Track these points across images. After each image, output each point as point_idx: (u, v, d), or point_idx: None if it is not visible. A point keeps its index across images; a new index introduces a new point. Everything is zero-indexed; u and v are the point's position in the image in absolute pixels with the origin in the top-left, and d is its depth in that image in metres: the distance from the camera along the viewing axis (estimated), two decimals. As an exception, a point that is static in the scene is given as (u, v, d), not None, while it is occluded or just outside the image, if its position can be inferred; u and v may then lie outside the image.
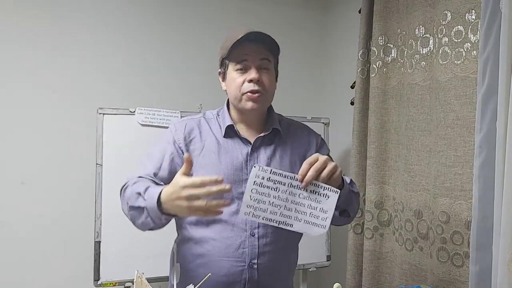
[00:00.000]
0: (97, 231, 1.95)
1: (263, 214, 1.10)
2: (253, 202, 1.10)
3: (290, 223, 1.12)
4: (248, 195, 1.10)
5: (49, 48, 2.18)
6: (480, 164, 1.39)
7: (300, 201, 1.12)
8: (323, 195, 1.12)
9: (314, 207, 1.12)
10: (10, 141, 2.12)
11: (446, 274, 1.59)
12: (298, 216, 1.12)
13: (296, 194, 1.12)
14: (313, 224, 1.11)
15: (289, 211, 1.11)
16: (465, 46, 1.54)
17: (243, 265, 1.27)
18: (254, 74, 1.28)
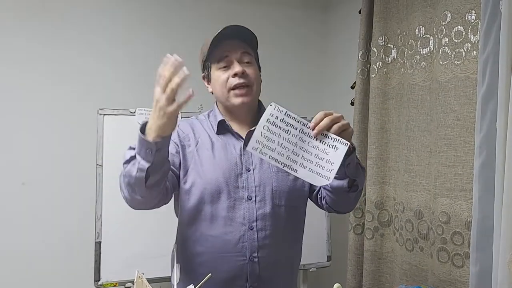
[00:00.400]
0: (97, 231, 1.95)
1: (270, 152, 1.09)
2: (263, 138, 1.09)
3: (295, 168, 1.10)
4: (259, 130, 1.09)
5: (49, 49, 2.19)
6: (480, 165, 1.39)
7: (308, 149, 1.10)
8: (332, 146, 1.10)
9: (321, 157, 1.10)
10: (11, 142, 2.13)
11: (446, 275, 1.59)
12: (304, 163, 1.10)
13: (306, 141, 1.10)
14: (317, 174, 1.10)
15: (296, 156, 1.10)
16: (465, 46, 1.54)
17: (244, 260, 1.27)
18: (237, 68, 1.27)
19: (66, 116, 2.21)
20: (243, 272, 1.27)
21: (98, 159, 1.97)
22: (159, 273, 1.80)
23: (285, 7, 2.67)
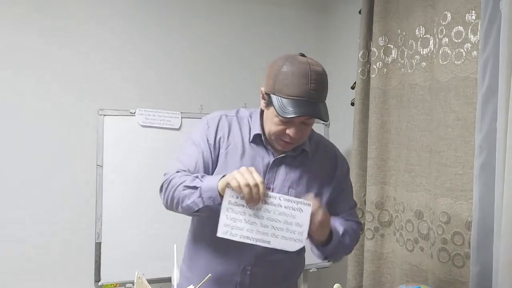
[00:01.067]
0: (97, 232, 1.95)
1: (240, 232, 1.13)
2: (229, 221, 1.13)
3: (267, 240, 1.14)
4: (224, 215, 1.13)
5: (50, 50, 2.19)
6: (481, 165, 1.38)
7: (275, 217, 1.14)
8: (297, 209, 1.14)
9: (289, 222, 1.14)
10: (11, 143, 2.13)
11: (447, 275, 1.58)
12: (274, 232, 1.14)
13: (271, 210, 1.14)
14: (290, 239, 1.14)
15: (265, 228, 1.14)
16: (465, 46, 1.54)
17: (237, 270, 1.31)
18: (293, 134, 1.24)
19: (66, 117, 2.21)
20: (233, 280, 1.32)
21: (98, 160, 1.97)
22: (159, 274, 1.80)
23: (285, 7, 2.67)
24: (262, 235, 1.14)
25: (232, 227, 1.13)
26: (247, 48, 2.58)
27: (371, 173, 2.00)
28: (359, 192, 2.08)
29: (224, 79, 2.47)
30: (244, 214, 1.14)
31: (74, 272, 2.18)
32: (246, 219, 1.14)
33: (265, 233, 1.14)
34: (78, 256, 2.17)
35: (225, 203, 1.14)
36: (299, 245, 1.14)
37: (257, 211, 1.13)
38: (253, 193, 1.10)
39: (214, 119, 1.36)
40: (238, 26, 2.56)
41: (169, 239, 1.45)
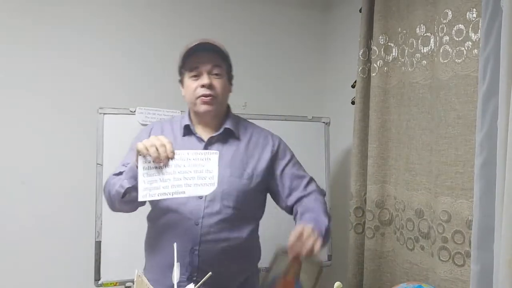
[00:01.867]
0: (97, 231, 1.95)
1: (157, 191, 1.24)
2: (147, 184, 1.24)
3: (182, 190, 1.25)
4: (141, 180, 1.24)
5: (50, 48, 2.19)
6: (481, 163, 1.38)
7: (186, 170, 1.26)
8: (205, 159, 1.28)
9: (200, 171, 1.26)
10: (11, 141, 2.13)
11: (447, 273, 1.58)
12: (187, 182, 1.25)
13: (181, 165, 1.26)
14: (202, 185, 1.25)
15: (179, 181, 1.25)
16: (466, 44, 1.54)
17: (185, 251, 1.39)
18: (205, 80, 1.42)
19: (66, 115, 2.21)
20: (184, 262, 1.38)
21: (98, 158, 1.97)
22: (159, 272, 1.79)
23: (285, 6, 2.67)
24: (177, 188, 1.24)
25: (150, 188, 1.24)
26: (248, 46, 2.58)
27: (372, 171, 2.00)
28: (360, 191, 2.08)
29: (224, 77, 2.46)
30: (158, 174, 1.25)
31: (74, 270, 2.18)
32: (161, 178, 1.25)
33: (179, 185, 1.25)
34: (78, 254, 2.17)
35: (140, 169, 1.25)
36: (212, 188, 1.25)
37: (169, 168, 1.25)
38: (160, 152, 1.24)
39: (146, 127, 1.57)
40: (238, 24, 2.56)
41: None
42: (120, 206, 1.39)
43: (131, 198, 1.31)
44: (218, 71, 1.45)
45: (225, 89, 1.49)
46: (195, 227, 1.39)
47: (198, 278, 1.37)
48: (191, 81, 1.45)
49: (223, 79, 1.47)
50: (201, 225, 1.40)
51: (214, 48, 1.46)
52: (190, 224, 1.40)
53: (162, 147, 1.25)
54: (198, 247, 1.40)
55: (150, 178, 1.25)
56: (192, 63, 1.44)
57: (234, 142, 1.50)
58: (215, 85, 1.44)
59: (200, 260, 1.40)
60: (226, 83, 1.50)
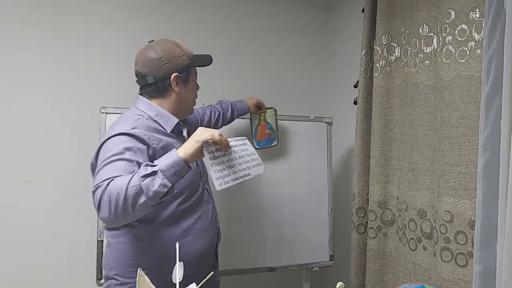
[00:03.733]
0: (99, 230, 1.95)
1: (229, 178, 1.32)
2: (218, 173, 1.30)
3: (248, 172, 1.36)
4: (211, 170, 1.30)
5: (52, 47, 2.19)
6: (484, 163, 1.38)
7: (241, 154, 1.36)
8: (244, 144, 1.40)
9: (248, 154, 1.39)
10: (14, 141, 2.13)
11: (449, 274, 1.58)
12: (248, 165, 1.37)
13: (236, 151, 1.36)
14: (257, 165, 1.39)
15: (241, 165, 1.35)
16: (469, 44, 1.53)
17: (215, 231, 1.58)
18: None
19: (68, 115, 2.21)
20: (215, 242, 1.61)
21: (101, 158, 1.97)
22: (161, 272, 1.79)
23: (288, 6, 2.67)
24: (244, 171, 1.35)
25: (223, 177, 1.30)
26: (250, 46, 2.58)
27: (374, 172, 2.00)
28: (362, 191, 2.08)
29: (226, 77, 2.47)
30: (224, 162, 1.32)
31: (76, 269, 2.19)
32: (228, 166, 1.33)
33: (243, 168, 1.35)
34: (80, 253, 2.17)
35: (207, 161, 1.30)
36: (263, 168, 1.41)
37: (230, 155, 1.34)
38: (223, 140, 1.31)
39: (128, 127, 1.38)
40: (240, 24, 2.56)
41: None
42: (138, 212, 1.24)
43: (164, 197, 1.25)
44: None
45: None
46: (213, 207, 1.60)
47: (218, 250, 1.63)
48: (196, 84, 1.57)
49: None
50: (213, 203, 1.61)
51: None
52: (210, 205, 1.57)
53: (222, 136, 1.31)
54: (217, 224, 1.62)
55: (219, 167, 1.31)
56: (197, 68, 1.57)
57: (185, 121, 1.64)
58: None
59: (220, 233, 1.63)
60: None
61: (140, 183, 1.20)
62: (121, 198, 1.20)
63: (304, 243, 2.22)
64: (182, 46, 1.54)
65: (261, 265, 2.15)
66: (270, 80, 2.61)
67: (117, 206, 1.20)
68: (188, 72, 1.52)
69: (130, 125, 1.38)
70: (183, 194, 1.46)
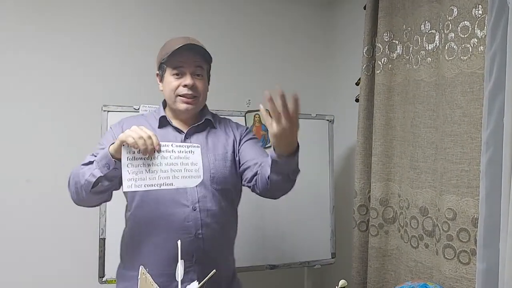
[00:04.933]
0: (101, 228, 1.95)
1: (143, 182, 1.25)
2: (132, 175, 1.25)
3: (170, 182, 1.28)
4: (125, 170, 1.25)
5: (53, 46, 2.19)
6: (487, 161, 1.37)
7: (172, 162, 1.28)
8: (189, 151, 1.31)
9: (185, 163, 1.30)
10: (15, 139, 2.13)
11: (452, 272, 1.58)
12: (175, 174, 1.28)
13: (167, 157, 1.28)
14: (190, 177, 1.30)
15: (166, 173, 1.27)
16: (472, 41, 1.53)
17: (190, 236, 1.42)
18: (189, 80, 1.45)
19: (70, 113, 2.21)
20: (190, 248, 1.42)
21: (102, 156, 1.97)
22: (163, 270, 1.79)
23: (289, 4, 2.66)
24: (165, 179, 1.27)
25: (136, 179, 1.25)
26: (251, 44, 2.57)
27: (376, 169, 1.99)
28: (364, 188, 2.08)
29: (227, 75, 2.46)
30: (144, 165, 1.26)
31: (78, 267, 2.19)
32: (147, 170, 1.26)
33: (167, 177, 1.27)
34: (82, 252, 2.18)
35: (124, 160, 1.25)
36: (199, 180, 1.32)
37: (155, 160, 1.26)
38: (147, 144, 1.25)
39: (117, 124, 1.53)
40: (242, 22, 2.55)
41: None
42: (88, 197, 1.36)
43: (102, 188, 1.32)
44: (200, 72, 1.49)
45: (205, 89, 1.53)
46: (194, 213, 1.44)
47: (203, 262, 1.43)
48: (173, 78, 1.47)
49: (204, 80, 1.52)
50: (198, 209, 1.44)
51: (198, 49, 1.48)
52: (188, 210, 1.43)
53: (149, 139, 1.26)
54: (201, 231, 1.44)
55: (136, 169, 1.25)
56: (176, 62, 1.46)
57: (212, 130, 1.56)
58: (197, 86, 1.48)
59: (205, 243, 1.44)
60: (207, 83, 1.55)
61: (79, 170, 1.36)
62: (70, 183, 1.39)
63: (305, 240, 2.22)
64: (167, 44, 1.51)
65: (263, 263, 2.15)
66: (271, 77, 2.60)
67: (71, 191, 1.40)
68: (162, 69, 1.50)
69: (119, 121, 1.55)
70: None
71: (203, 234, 1.44)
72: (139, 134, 1.25)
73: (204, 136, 1.53)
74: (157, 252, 1.43)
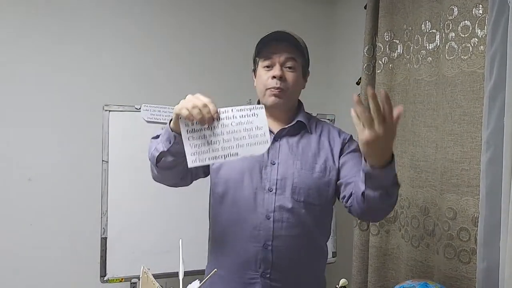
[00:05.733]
0: (103, 227, 1.96)
1: (207, 155, 1.14)
2: (195, 148, 1.14)
3: (235, 151, 1.15)
4: (187, 145, 1.14)
5: (55, 45, 2.19)
6: (488, 160, 1.38)
7: (234, 129, 1.15)
8: (251, 115, 1.16)
9: (249, 129, 1.15)
10: (17, 138, 2.14)
11: (452, 271, 1.58)
12: (239, 143, 1.15)
13: (228, 124, 1.15)
14: (256, 143, 1.15)
15: (229, 142, 1.15)
16: (472, 41, 1.53)
17: (258, 246, 1.32)
18: (277, 71, 1.35)
19: (71, 112, 2.21)
20: (257, 258, 1.33)
21: (103, 155, 1.97)
22: (164, 269, 1.80)
23: (289, 3, 2.66)
24: (229, 149, 1.15)
25: (199, 153, 1.14)
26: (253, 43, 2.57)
27: (377, 169, 1.99)
28: (364, 188, 2.08)
29: (229, 74, 2.47)
30: (205, 137, 1.15)
31: (80, 267, 2.19)
32: (209, 141, 1.14)
33: (231, 146, 1.15)
34: (83, 251, 2.18)
35: (184, 133, 1.15)
36: (266, 146, 1.15)
37: (215, 129, 1.15)
38: (204, 113, 1.12)
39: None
40: (243, 21, 2.55)
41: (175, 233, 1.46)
42: (159, 174, 1.30)
43: (167, 164, 1.24)
44: (292, 64, 1.38)
45: (297, 84, 1.40)
46: (267, 222, 1.32)
47: (272, 275, 1.33)
48: (264, 71, 1.38)
49: (297, 73, 1.40)
50: (272, 219, 1.32)
51: (291, 39, 1.38)
52: (261, 218, 1.33)
53: (205, 108, 1.12)
54: (271, 242, 1.32)
55: (197, 142, 1.14)
56: (266, 52, 1.38)
57: (306, 135, 1.42)
58: (287, 78, 1.36)
59: (274, 256, 1.33)
60: (300, 77, 1.42)
61: (149, 145, 1.30)
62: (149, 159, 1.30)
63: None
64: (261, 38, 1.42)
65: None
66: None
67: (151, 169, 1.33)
68: (255, 64, 1.44)
69: None
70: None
71: (273, 245, 1.32)
72: (194, 103, 1.12)
73: (295, 140, 1.40)
74: (229, 255, 1.37)
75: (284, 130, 1.40)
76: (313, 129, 1.44)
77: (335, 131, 1.48)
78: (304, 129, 1.42)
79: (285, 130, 1.40)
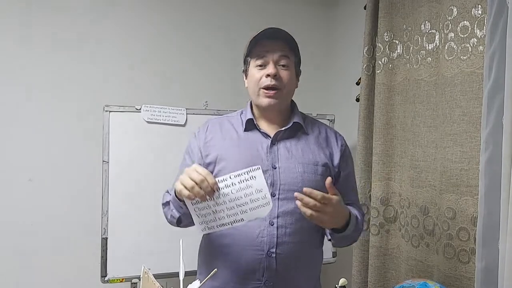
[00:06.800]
0: (104, 227, 1.96)
1: (215, 223, 1.18)
2: (202, 218, 1.18)
3: (239, 218, 1.18)
4: (194, 215, 1.18)
5: (55, 46, 2.20)
6: (486, 160, 1.38)
7: (235, 196, 1.17)
8: (249, 178, 1.17)
9: (249, 193, 1.17)
10: (18, 139, 2.14)
11: (452, 270, 1.58)
12: (242, 209, 1.17)
13: (228, 192, 1.17)
14: (258, 207, 1.17)
15: (232, 209, 1.17)
16: (471, 41, 1.53)
17: (262, 254, 1.29)
18: (271, 69, 1.31)
19: (72, 113, 2.22)
20: (260, 266, 1.29)
21: (104, 156, 1.98)
22: (165, 269, 1.81)
23: (290, 3, 2.67)
24: (234, 216, 1.18)
25: (206, 222, 1.18)
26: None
27: (376, 169, 2.00)
28: (365, 188, 2.08)
29: (229, 75, 2.47)
30: (209, 207, 1.18)
31: (81, 267, 2.20)
32: (213, 210, 1.18)
33: (235, 213, 1.18)
34: (84, 251, 2.19)
35: (189, 207, 1.18)
36: (269, 208, 1.17)
37: (217, 199, 1.17)
38: (203, 188, 1.12)
39: (203, 126, 1.44)
40: (242, 21, 2.55)
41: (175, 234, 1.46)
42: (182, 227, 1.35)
43: (187, 223, 1.28)
44: (285, 62, 1.34)
45: (291, 82, 1.37)
46: (271, 228, 1.29)
47: (275, 283, 1.30)
48: (256, 70, 1.33)
49: (290, 71, 1.36)
50: (276, 225, 1.29)
51: (284, 36, 1.34)
52: (265, 225, 1.29)
53: (204, 182, 1.12)
54: (275, 249, 1.29)
55: (203, 212, 1.18)
56: (259, 51, 1.33)
57: (303, 137, 1.39)
58: (281, 76, 1.32)
59: (278, 263, 1.29)
60: (294, 76, 1.38)
61: (163, 210, 1.38)
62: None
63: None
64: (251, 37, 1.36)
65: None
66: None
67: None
68: (246, 63, 1.39)
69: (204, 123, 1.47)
70: None
71: (277, 253, 1.29)
72: (192, 180, 1.12)
73: (293, 143, 1.37)
74: (227, 265, 1.32)
75: (280, 132, 1.37)
76: (309, 129, 1.42)
77: (332, 132, 1.47)
78: (300, 130, 1.40)
79: (281, 133, 1.37)
